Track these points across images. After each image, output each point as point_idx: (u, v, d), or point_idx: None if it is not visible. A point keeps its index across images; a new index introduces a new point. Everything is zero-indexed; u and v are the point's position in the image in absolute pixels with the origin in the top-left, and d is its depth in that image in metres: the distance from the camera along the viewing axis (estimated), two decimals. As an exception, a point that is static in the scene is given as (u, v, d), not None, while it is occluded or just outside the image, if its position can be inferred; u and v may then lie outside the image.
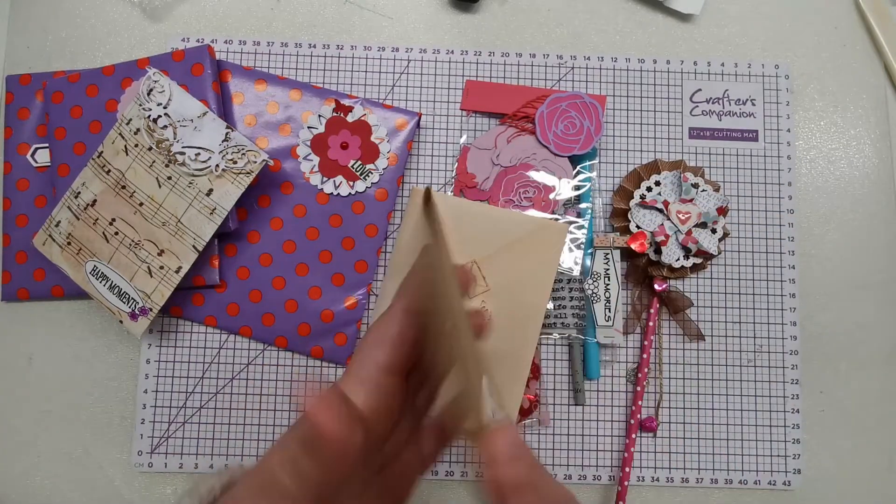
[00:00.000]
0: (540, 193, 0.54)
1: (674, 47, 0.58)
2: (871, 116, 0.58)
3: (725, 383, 0.54)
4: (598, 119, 0.54)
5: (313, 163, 0.54)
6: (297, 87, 0.55)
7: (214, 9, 0.57)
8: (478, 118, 0.56)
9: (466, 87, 0.56)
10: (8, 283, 0.54)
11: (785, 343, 0.55)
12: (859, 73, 0.58)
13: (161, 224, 0.49)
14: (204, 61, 0.53)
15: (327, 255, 0.54)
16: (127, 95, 0.53)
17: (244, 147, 0.49)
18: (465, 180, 0.55)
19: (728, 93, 0.57)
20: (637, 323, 0.55)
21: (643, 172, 0.55)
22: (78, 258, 0.50)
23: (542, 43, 0.58)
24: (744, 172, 0.57)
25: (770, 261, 0.56)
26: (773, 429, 0.54)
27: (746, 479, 0.53)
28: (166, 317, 0.54)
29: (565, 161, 0.54)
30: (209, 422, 0.53)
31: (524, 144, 0.55)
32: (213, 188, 0.49)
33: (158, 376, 0.54)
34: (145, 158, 0.50)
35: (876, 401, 0.55)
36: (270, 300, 0.53)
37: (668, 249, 0.53)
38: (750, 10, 0.59)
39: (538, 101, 0.55)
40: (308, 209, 0.54)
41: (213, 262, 0.52)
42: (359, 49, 0.57)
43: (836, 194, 0.57)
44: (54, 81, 0.54)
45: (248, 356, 0.54)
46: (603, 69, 0.57)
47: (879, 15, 0.58)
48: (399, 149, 0.54)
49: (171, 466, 0.53)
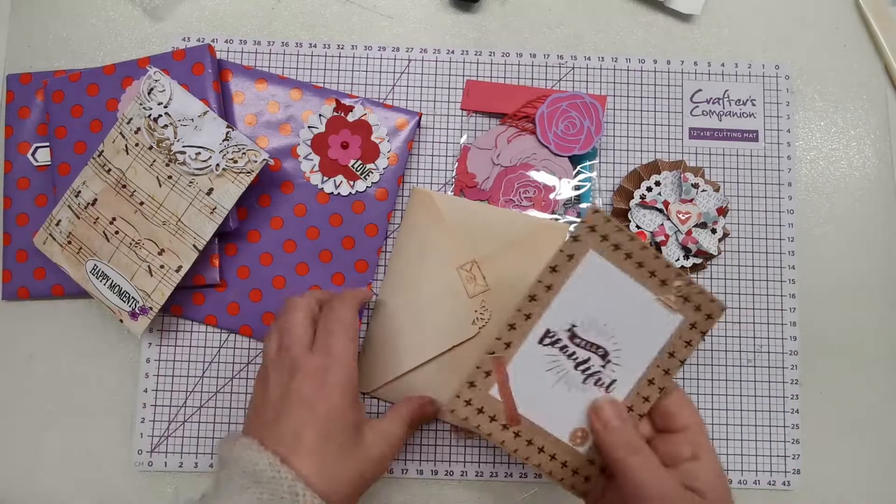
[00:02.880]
0: (540, 193, 0.54)
1: (674, 47, 0.58)
2: (871, 117, 0.58)
3: (725, 383, 0.54)
4: (598, 119, 0.54)
5: (314, 162, 0.54)
6: (297, 87, 0.55)
7: (215, 8, 0.58)
8: (478, 118, 0.56)
9: (466, 86, 0.57)
10: (8, 282, 0.54)
11: (785, 343, 0.55)
12: (860, 74, 0.58)
13: (161, 223, 0.49)
14: (204, 61, 0.53)
15: (327, 255, 0.54)
16: (127, 95, 0.53)
17: (244, 146, 0.49)
18: (465, 180, 0.55)
19: (728, 93, 0.57)
20: (637, 323, 0.55)
21: (643, 172, 0.55)
22: (78, 257, 0.51)
23: (543, 43, 0.58)
24: (744, 173, 0.57)
25: (770, 261, 0.56)
26: (773, 429, 0.54)
27: (746, 479, 0.53)
28: (167, 316, 0.54)
29: (565, 161, 0.54)
30: (209, 421, 0.53)
31: (524, 144, 0.55)
32: (213, 187, 0.49)
33: (159, 375, 0.54)
34: (146, 157, 0.50)
35: (876, 401, 0.55)
36: (271, 299, 0.53)
37: (668, 249, 0.53)
38: (750, 10, 0.59)
39: (538, 101, 0.55)
40: (308, 209, 0.54)
41: (213, 261, 0.52)
42: (359, 49, 0.57)
43: (836, 195, 0.57)
44: (55, 80, 0.54)
45: (249, 355, 0.54)
46: (603, 69, 0.57)
47: (880, 15, 0.58)
48: (399, 148, 0.54)
49: (172, 465, 0.53)
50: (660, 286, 0.41)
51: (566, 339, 0.41)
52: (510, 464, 0.53)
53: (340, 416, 0.41)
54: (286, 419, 0.40)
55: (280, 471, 0.38)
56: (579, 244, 0.40)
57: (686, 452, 0.39)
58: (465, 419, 0.41)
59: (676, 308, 0.41)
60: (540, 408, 0.41)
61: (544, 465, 0.42)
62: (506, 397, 0.41)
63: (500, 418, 0.41)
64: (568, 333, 0.41)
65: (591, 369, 0.41)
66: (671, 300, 0.41)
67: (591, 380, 0.41)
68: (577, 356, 0.41)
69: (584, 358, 0.41)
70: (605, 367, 0.41)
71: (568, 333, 0.41)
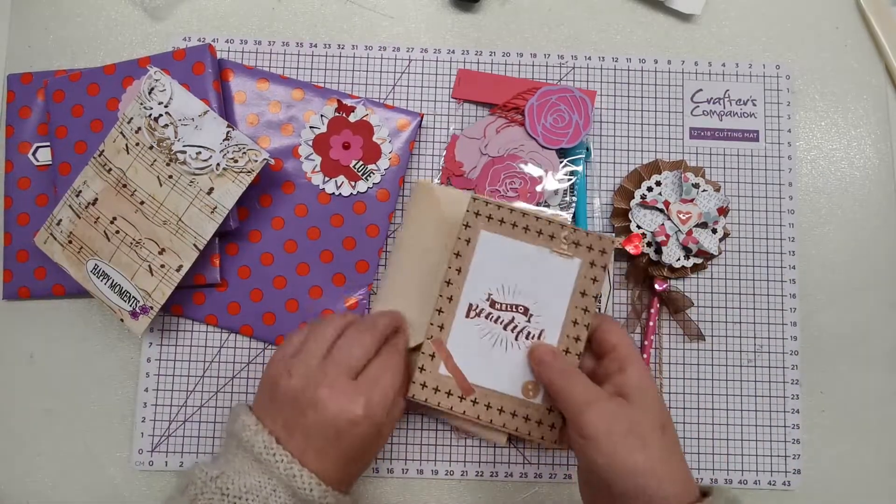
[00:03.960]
0: (526, 185, 0.54)
1: (674, 47, 0.58)
2: (871, 117, 0.58)
3: (725, 383, 0.54)
4: (587, 114, 0.54)
5: (315, 163, 0.54)
6: (299, 87, 0.55)
7: (216, 8, 0.58)
8: (471, 108, 0.56)
9: (458, 75, 0.57)
10: (9, 282, 0.54)
11: (785, 343, 0.55)
12: (860, 74, 0.58)
13: (162, 223, 0.49)
14: (205, 60, 0.53)
15: (328, 255, 0.54)
16: (128, 94, 0.53)
17: (245, 146, 0.49)
18: (452, 168, 0.55)
19: (729, 93, 0.57)
20: (637, 323, 0.55)
21: (644, 172, 0.55)
22: (79, 257, 0.51)
23: (543, 43, 0.58)
24: (744, 172, 0.57)
25: (770, 261, 0.56)
26: (773, 429, 0.54)
27: (746, 479, 0.53)
28: (167, 315, 0.54)
29: (552, 154, 0.54)
30: (210, 420, 0.53)
31: (513, 135, 0.55)
32: (213, 187, 0.49)
33: (159, 375, 0.54)
34: (146, 157, 0.50)
35: (876, 401, 0.55)
36: (271, 299, 0.53)
37: (668, 249, 0.53)
38: (751, 10, 0.59)
39: (529, 92, 0.55)
40: (309, 209, 0.54)
41: (213, 260, 0.52)
42: (360, 49, 0.57)
43: (836, 194, 0.57)
44: (55, 80, 0.54)
45: (249, 355, 0.54)
46: (603, 69, 0.57)
47: (880, 15, 0.58)
48: (401, 149, 0.54)
49: (172, 465, 0.53)
50: (550, 240, 0.47)
51: (488, 307, 0.47)
52: (510, 464, 0.53)
53: (364, 445, 0.43)
54: (318, 439, 0.42)
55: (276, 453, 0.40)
56: (471, 229, 0.47)
57: (615, 367, 0.43)
58: (426, 400, 0.47)
59: (571, 254, 0.47)
60: (487, 373, 0.47)
61: (509, 424, 0.47)
62: (454, 371, 0.47)
63: (455, 391, 0.47)
64: (487, 302, 0.47)
65: (518, 326, 0.47)
66: (563, 248, 0.47)
67: (521, 335, 0.47)
68: (502, 319, 0.47)
69: (508, 319, 0.47)
70: (530, 322, 0.47)
71: (487, 302, 0.47)
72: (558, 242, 0.47)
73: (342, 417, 0.41)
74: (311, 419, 0.41)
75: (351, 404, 0.42)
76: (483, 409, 0.47)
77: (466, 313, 0.47)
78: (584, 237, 0.47)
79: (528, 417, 0.47)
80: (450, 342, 0.47)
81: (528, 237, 0.47)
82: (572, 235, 0.47)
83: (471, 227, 0.47)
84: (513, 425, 0.47)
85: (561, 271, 0.47)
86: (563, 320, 0.47)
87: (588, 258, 0.47)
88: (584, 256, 0.47)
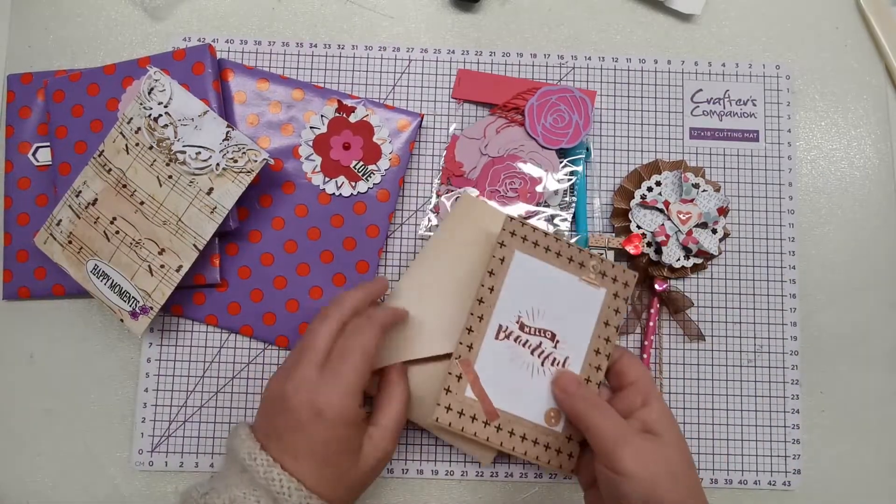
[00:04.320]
0: (526, 185, 0.54)
1: (674, 47, 0.58)
2: (871, 117, 0.58)
3: (725, 383, 0.55)
4: (587, 114, 0.54)
5: (315, 163, 0.54)
6: (299, 87, 0.55)
7: (216, 8, 0.58)
8: (471, 109, 0.56)
9: (458, 75, 0.57)
10: (9, 282, 0.54)
11: (785, 343, 0.55)
12: (860, 74, 0.58)
13: (162, 223, 0.49)
14: (205, 60, 0.53)
15: (328, 256, 0.54)
16: (128, 94, 0.53)
17: (245, 146, 0.49)
18: (452, 168, 0.55)
19: (729, 93, 0.57)
20: (637, 323, 0.55)
21: (644, 172, 0.55)
22: (79, 257, 0.51)
23: (543, 43, 0.58)
24: (744, 173, 0.57)
25: (770, 261, 0.56)
26: (773, 429, 0.54)
27: (746, 479, 0.54)
28: (167, 316, 0.54)
29: (552, 154, 0.54)
30: (210, 421, 0.53)
31: (513, 135, 0.55)
32: (213, 187, 0.49)
33: (159, 375, 0.54)
34: (146, 157, 0.50)
35: (876, 401, 0.55)
36: (271, 300, 0.53)
37: (668, 249, 0.53)
38: (751, 10, 0.59)
39: (529, 93, 0.55)
40: (310, 209, 0.54)
41: (213, 261, 0.52)
42: (359, 49, 0.57)
43: (836, 194, 0.57)
44: (55, 80, 0.54)
45: (249, 355, 0.54)
46: (603, 69, 0.57)
47: (880, 15, 0.58)
48: (401, 150, 0.54)
49: (172, 465, 0.53)
50: (579, 268, 0.47)
51: (517, 330, 0.46)
52: (510, 464, 0.53)
53: (336, 443, 0.41)
54: (289, 436, 0.41)
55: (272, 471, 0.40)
56: (506, 248, 0.47)
57: (637, 402, 0.43)
58: (450, 424, 0.45)
59: (598, 283, 0.47)
60: (512, 398, 0.46)
61: (530, 452, 0.46)
62: (480, 395, 0.46)
63: (479, 416, 0.46)
64: (517, 325, 0.46)
65: (545, 352, 0.47)
66: (591, 278, 0.47)
67: (547, 361, 0.47)
68: (530, 343, 0.46)
69: (536, 344, 0.47)
70: (556, 348, 0.47)
71: (517, 325, 0.46)
72: (587, 271, 0.47)
73: (303, 409, 0.40)
74: (281, 420, 0.41)
75: (310, 394, 0.41)
76: (506, 435, 0.46)
77: (496, 334, 0.46)
78: (609, 268, 0.47)
79: (548, 446, 0.46)
80: (477, 364, 0.46)
81: (559, 262, 0.47)
82: (600, 266, 0.47)
83: (506, 246, 0.47)
84: (533, 454, 0.46)
85: (587, 300, 0.47)
86: (587, 348, 0.47)
87: (612, 289, 0.47)
88: (609, 287, 0.47)
